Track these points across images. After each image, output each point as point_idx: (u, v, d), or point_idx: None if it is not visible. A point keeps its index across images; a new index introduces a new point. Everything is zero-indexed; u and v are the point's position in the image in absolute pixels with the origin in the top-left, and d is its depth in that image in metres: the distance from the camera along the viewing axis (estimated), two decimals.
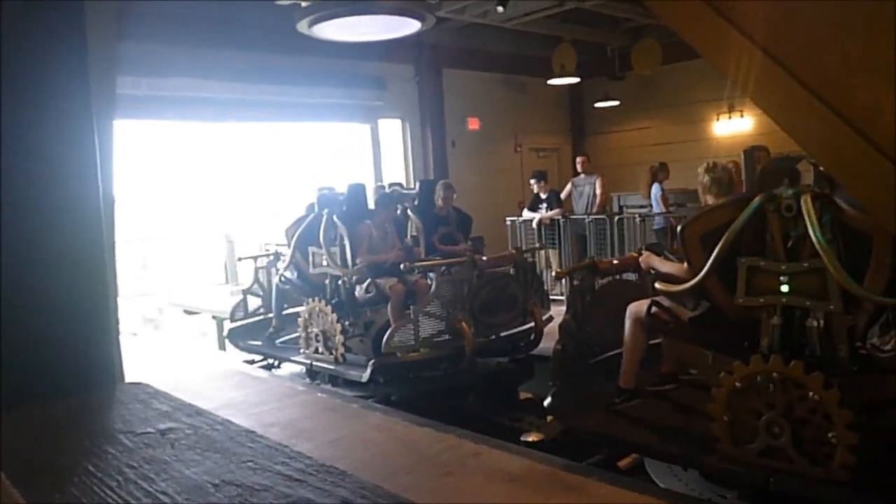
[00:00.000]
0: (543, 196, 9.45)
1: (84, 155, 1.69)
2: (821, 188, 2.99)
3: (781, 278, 3.02)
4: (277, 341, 6.82)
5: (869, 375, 2.97)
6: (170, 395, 1.61)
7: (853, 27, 1.05)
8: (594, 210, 9.46)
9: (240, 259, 8.74)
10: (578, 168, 10.03)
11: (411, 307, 5.59)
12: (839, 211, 2.89)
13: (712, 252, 3.16)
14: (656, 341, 3.70)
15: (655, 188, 9.08)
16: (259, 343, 6.93)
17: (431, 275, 5.67)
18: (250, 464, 1.13)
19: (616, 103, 12.05)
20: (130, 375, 2.39)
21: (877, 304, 2.84)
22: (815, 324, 2.97)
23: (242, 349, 7.03)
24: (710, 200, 3.62)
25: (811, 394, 2.90)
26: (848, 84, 1.05)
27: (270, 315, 7.06)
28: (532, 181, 9.61)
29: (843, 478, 2.84)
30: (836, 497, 2.90)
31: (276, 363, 6.89)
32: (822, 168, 2.96)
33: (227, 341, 7.53)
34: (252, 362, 6.89)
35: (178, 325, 10.19)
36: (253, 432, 1.25)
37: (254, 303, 7.33)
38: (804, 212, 2.91)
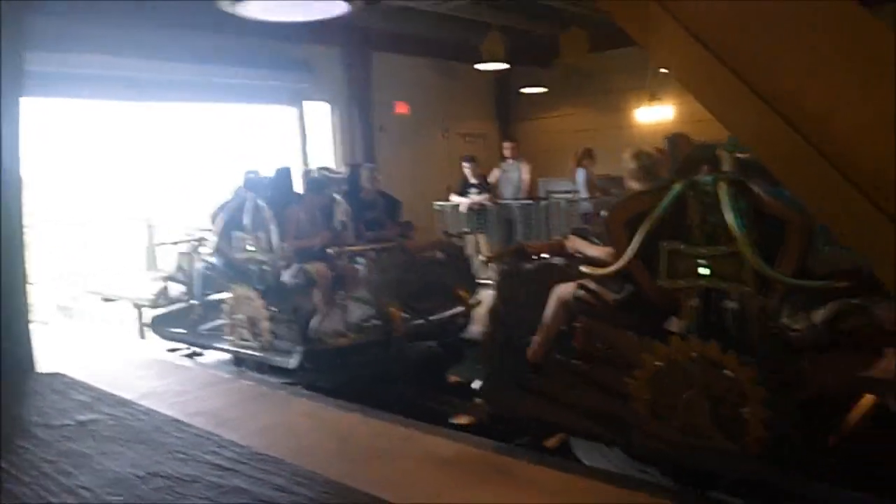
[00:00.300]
0: (474, 181, 9.51)
1: None
2: (737, 175, 3.11)
3: (700, 262, 3.14)
4: (202, 328, 6.65)
5: (779, 354, 3.13)
6: (89, 384, 1.54)
7: (789, 26, 1.09)
8: (521, 195, 9.58)
9: (159, 244, 8.45)
10: (506, 153, 10.11)
11: (340, 292, 5.54)
12: (755, 197, 3.01)
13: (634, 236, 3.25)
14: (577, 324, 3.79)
15: (580, 173, 9.28)
16: (182, 331, 6.74)
17: (360, 260, 5.63)
18: (178, 454, 1.09)
19: (543, 90, 12.20)
20: (43, 365, 2.28)
21: (787, 286, 2.98)
22: (732, 305, 3.10)
23: (165, 337, 6.82)
24: (636, 186, 3.71)
25: (727, 372, 3.04)
26: (773, 75, 1.10)
27: (194, 302, 6.88)
28: (467, 164, 9.65)
29: (756, 451, 2.99)
30: (748, 471, 3.05)
31: (201, 351, 6.72)
32: (739, 155, 3.08)
33: (148, 329, 7.28)
34: (175, 350, 6.70)
35: (95, 313, 9.78)
36: (180, 421, 1.21)
37: (176, 289, 7.12)
38: (721, 198, 3.03)
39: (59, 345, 6.00)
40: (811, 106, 1.07)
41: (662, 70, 10.32)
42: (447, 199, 9.78)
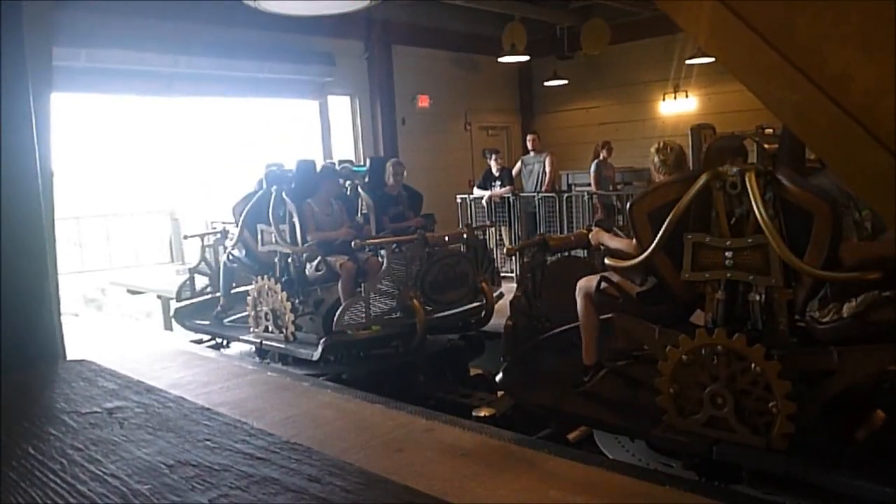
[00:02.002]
0: (497, 173, 9.50)
1: (21, 130, 1.60)
2: (764, 166, 3.06)
3: (726, 254, 3.10)
4: (226, 320, 6.72)
5: (807, 347, 3.08)
6: (117, 372, 1.56)
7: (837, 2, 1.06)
8: (544, 188, 9.54)
9: (186, 237, 8.55)
10: (529, 146, 10.08)
11: (362, 285, 5.56)
12: (781, 188, 2.97)
13: (659, 228, 3.22)
14: (607, 316, 3.77)
15: (592, 166, 9.27)
16: (207, 322, 6.81)
17: (382, 252, 5.64)
18: (207, 442, 1.09)
19: (564, 82, 12.12)
20: (73, 355, 2.31)
21: (816, 278, 2.93)
22: (758, 298, 3.06)
23: (190, 329, 6.90)
24: (662, 179, 3.66)
25: (753, 365, 3.00)
26: (820, 51, 1.07)
27: (218, 294, 6.95)
28: (493, 156, 9.65)
29: (782, 446, 2.95)
30: (773, 465, 3.02)
31: (225, 343, 6.79)
32: (766, 146, 3.03)
33: (173, 321, 7.38)
34: (200, 342, 6.77)
35: (122, 305, 9.93)
36: (209, 409, 1.21)
37: (201, 282, 7.20)
38: (748, 189, 2.98)
39: (87, 336, 6.11)
40: (861, 84, 1.04)
41: (687, 61, 10.24)
42: (469, 192, 9.77)
